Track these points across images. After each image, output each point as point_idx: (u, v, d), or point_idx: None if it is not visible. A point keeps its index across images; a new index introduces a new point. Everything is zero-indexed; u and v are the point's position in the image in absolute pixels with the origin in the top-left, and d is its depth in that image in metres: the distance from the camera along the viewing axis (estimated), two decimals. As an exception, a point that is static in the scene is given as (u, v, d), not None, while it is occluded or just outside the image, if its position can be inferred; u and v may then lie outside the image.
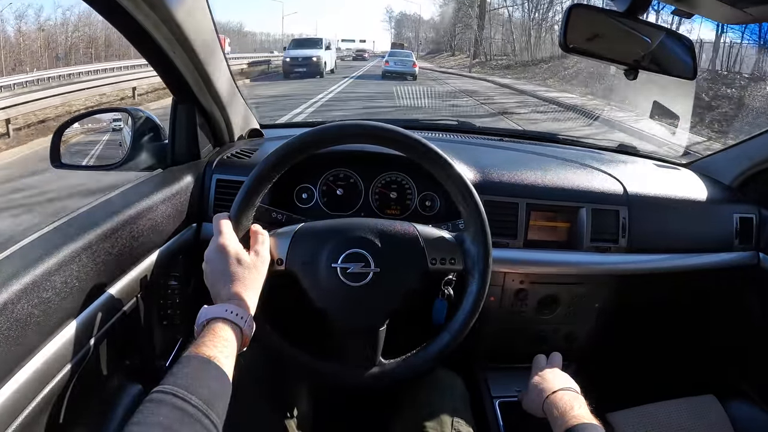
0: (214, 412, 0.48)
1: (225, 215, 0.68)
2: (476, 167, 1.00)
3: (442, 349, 0.73)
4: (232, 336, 0.56)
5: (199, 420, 0.46)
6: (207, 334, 0.55)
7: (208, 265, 0.64)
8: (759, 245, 1.09)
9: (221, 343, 0.54)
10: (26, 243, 0.61)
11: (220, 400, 0.50)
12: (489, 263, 0.72)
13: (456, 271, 0.75)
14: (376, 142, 0.72)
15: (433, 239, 0.73)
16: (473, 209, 0.71)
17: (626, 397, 1.00)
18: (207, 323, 0.57)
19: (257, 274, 0.65)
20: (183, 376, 0.49)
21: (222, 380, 0.52)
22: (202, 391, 0.48)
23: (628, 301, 1.11)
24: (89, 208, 0.74)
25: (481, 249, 0.72)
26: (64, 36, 24.30)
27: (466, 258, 0.73)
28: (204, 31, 0.82)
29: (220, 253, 0.64)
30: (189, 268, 0.91)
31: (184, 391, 0.47)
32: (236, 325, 0.58)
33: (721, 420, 0.98)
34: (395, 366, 0.73)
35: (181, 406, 0.46)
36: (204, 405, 0.47)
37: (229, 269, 0.62)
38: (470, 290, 0.72)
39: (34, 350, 0.55)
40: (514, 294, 1.01)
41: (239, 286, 0.62)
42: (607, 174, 1.06)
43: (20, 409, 0.52)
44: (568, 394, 0.74)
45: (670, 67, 0.86)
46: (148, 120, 1.01)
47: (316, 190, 1.01)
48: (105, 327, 0.67)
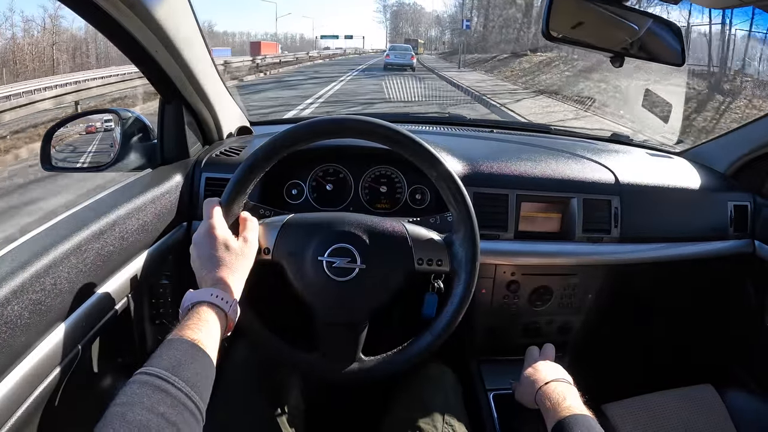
0: (197, 394, 0.48)
1: (216, 200, 0.68)
2: (465, 159, 0.99)
3: (423, 349, 0.72)
4: (216, 320, 0.56)
5: (183, 402, 0.46)
6: (191, 317, 0.55)
7: (196, 248, 0.64)
8: (754, 233, 1.08)
9: (205, 326, 0.54)
10: (15, 245, 0.61)
11: (204, 382, 0.50)
12: (476, 267, 0.71)
13: (442, 273, 0.74)
14: (374, 140, 0.72)
15: (422, 240, 0.73)
16: (464, 212, 0.71)
17: (622, 387, 1.00)
18: (192, 307, 0.57)
19: (244, 260, 0.65)
20: (167, 359, 0.49)
21: (206, 363, 0.51)
22: (186, 373, 0.48)
23: (622, 292, 1.10)
24: (78, 209, 0.74)
25: (469, 252, 0.71)
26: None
27: (453, 260, 0.72)
28: (186, 29, 0.82)
29: (209, 237, 0.64)
30: (180, 266, 0.91)
31: (168, 373, 0.47)
32: (221, 310, 0.57)
33: (718, 409, 0.98)
34: (375, 364, 0.73)
35: (164, 387, 0.46)
36: (187, 387, 0.47)
37: (217, 254, 0.62)
38: (455, 293, 0.72)
39: (24, 352, 0.55)
40: (505, 286, 1.01)
41: (225, 271, 0.62)
42: (598, 164, 1.06)
43: (12, 411, 0.52)
44: (561, 386, 0.74)
45: (659, 53, 0.85)
46: (136, 120, 1.00)
47: (305, 186, 1.01)
48: (96, 327, 0.67)
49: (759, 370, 1.12)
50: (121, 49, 0.79)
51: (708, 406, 0.98)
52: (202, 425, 0.48)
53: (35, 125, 7.72)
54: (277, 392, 0.79)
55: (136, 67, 0.84)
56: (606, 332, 1.17)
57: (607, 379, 1.03)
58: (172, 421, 0.44)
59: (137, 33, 0.74)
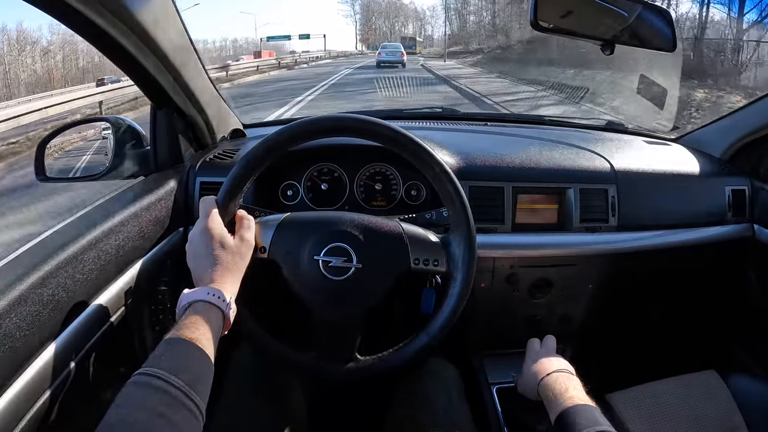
0: (197, 393, 0.48)
1: (212, 198, 0.68)
2: (460, 154, 0.99)
3: (418, 350, 0.72)
4: (213, 319, 0.56)
5: (182, 401, 0.46)
6: (189, 316, 0.55)
7: (191, 246, 0.64)
8: (753, 217, 1.08)
9: (203, 325, 0.54)
10: (12, 257, 0.61)
11: (203, 382, 0.50)
12: (472, 268, 0.71)
13: (438, 273, 0.74)
14: (372, 139, 0.71)
15: (418, 240, 0.72)
16: (461, 213, 0.71)
17: (625, 376, 1.00)
18: (189, 306, 0.56)
19: (240, 259, 0.65)
20: (165, 359, 0.49)
21: (204, 362, 0.51)
22: (184, 373, 0.48)
23: (622, 281, 1.10)
24: (72, 219, 0.74)
25: (466, 254, 0.71)
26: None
27: (449, 261, 0.72)
28: (175, 35, 0.81)
29: (205, 235, 0.63)
30: (178, 272, 0.90)
31: (167, 373, 0.47)
32: (218, 308, 0.57)
33: (723, 394, 0.97)
34: (370, 363, 0.72)
35: (163, 387, 0.46)
36: (186, 386, 0.47)
37: (213, 252, 0.62)
38: (451, 293, 0.72)
39: (24, 364, 0.55)
40: (504, 279, 1.00)
41: (222, 270, 0.61)
42: (593, 153, 1.05)
43: (14, 424, 0.52)
44: (563, 376, 0.73)
45: (650, 40, 0.85)
46: (129, 128, 1.00)
47: (300, 186, 1.01)
48: (96, 336, 0.67)
49: (762, 354, 1.12)
50: (108, 57, 0.79)
51: (712, 392, 0.98)
52: (203, 424, 0.47)
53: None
54: (279, 394, 0.79)
55: (124, 73, 0.84)
56: (607, 322, 1.17)
57: (609, 368, 1.03)
58: (172, 421, 0.44)
59: (124, 40, 0.74)
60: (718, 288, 1.22)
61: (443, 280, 0.75)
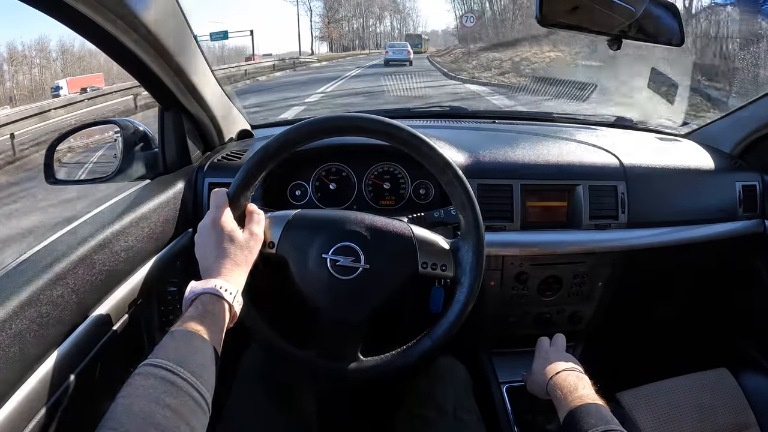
0: (203, 384, 0.48)
1: (223, 191, 0.68)
2: (468, 151, 0.99)
3: (422, 353, 0.72)
4: (220, 311, 0.56)
5: (188, 392, 0.46)
6: (196, 308, 0.55)
7: (200, 237, 0.64)
8: (764, 212, 1.06)
9: (210, 317, 0.54)
10: (21, 259, 0.62)
11: (209, 373, 0.50)
12: (480, 274, 0.70)
13: (446, 278, 0.73)
14: (385, 140, 0.71)
15: (427, 243, 0.72)
16: (472, 219, 0.70)
17: (636, 374, 0.99)
18: (195, 298, 0.56)
19: (249, 253, 0.65)
20: (171, 349, 0.49)
21: (210, 353, 0.51)
22: (191, 363, 0.48)
23: (632, 278, 1.09)
24: (81, 221, 0.75)
25: (474, 260, 0.70)
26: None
27: (457, 266, 0.71)
28: (179, 35, 0.82)
29: (214, 228, 0.63)
30: (187, 273, 0.91)
31: (173, 364, 0.47)
32: (225, 301, 0.57)
33: (734, 392, 0.97)
34: (372, 365, 0.72)
35: (170, 378, 0.46)
36: (193, 377, 0.47)
37: (222, 245, 0.62)
38: (457, 299, 0.71)
39: (34, 365, 0.55)
40: (514, 277, 1.00)
41: (230, 262, 0.61)
42: (602, 149, 1.04)
43: (24, 424, 0.53)
44: (572, 375, 0.73)
45: (658, 34, 0.84)
46: (137, 130, 1.01)
47: (309, 186, 1.01)
48: (105, 337, 0.67)
49: None
50: (115, 59, 0.79)
51: (724, 390, 0.97)
52: (209, 415, 0.47)
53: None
54: (289, 396, 0.79)
55: (131, 75, 0.84)
56: (617, 320, 1.16)
57: (620, 366, 1.03)
58: (179, 412, 0.44)
59: (129, 42, 0.74)
60: (728, 284, 1.21)
61: (450, 284, 0.74)
